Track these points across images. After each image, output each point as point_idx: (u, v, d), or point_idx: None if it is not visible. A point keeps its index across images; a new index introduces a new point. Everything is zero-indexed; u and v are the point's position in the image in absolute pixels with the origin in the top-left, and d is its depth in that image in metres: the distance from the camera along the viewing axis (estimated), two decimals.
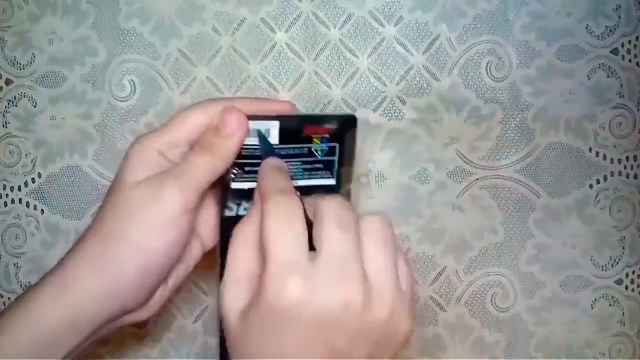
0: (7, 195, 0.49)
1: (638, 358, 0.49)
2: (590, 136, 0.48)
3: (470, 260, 0.49)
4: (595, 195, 0.48)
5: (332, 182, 0.40)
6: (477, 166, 0.48)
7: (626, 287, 0.49)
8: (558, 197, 0.48)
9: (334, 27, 0.47)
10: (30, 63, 0.48)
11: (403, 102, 0.48)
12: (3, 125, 0.48)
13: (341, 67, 0.47)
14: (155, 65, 0.48)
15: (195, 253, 0.40)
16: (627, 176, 0.48)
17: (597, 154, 0.48)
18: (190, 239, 0.38)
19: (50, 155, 0.48)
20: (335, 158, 0.40)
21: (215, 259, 0.39)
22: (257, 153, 0.38)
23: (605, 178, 0.48)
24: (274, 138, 0.38)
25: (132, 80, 0.48)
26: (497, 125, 0.48)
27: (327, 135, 0.39)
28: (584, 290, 0.49)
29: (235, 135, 0.37)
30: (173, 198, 0.36)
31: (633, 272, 0.49)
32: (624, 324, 0.49)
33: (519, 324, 0.49)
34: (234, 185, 0.39)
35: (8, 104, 0.48)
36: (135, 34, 0.47)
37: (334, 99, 0.48)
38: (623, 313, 0.49)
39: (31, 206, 0.48)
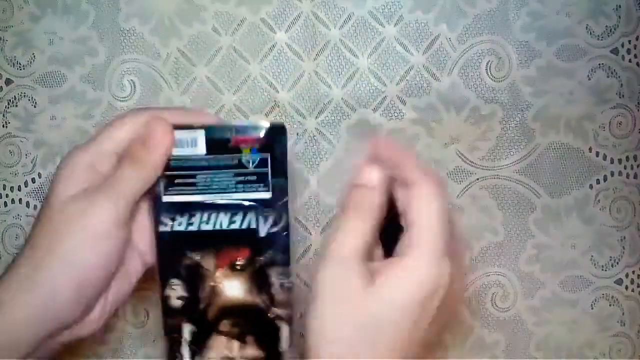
0: (7, 195, 0.49)
1: (638, 358, 0.49)
2: (590, 136, 0.48)
3: (470, 260, 0.49)
4: (595, 195, 0.48)
5: (267, 195, 0.39)
6: (477, 166, 0.48)
7: (626, 287, 0.49)
8: (558, 197, 0.48)
9: (334, 27, 0.47)
10: (30, 63, 0.48)
11: (403, 102, 0.48)
12: (3, 125, 0.48)
13: (341, 67, 0.47)
14: (155, 65, 0.47)
15: (136, 268, 0.40)
16: (627, 176, 0.48)
17: (597, 154, 0.48)
18: (127, 253, 0.39)
19: (50, 155, 0.48)
20: (268, 169, 0.39)
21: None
22: (188, 164, 0.38)
23: (605, 178, 0.48)
24: (200, 148, 0.38)
25: (132, 80, 0.48)
26: (497, 125, 0.48)
27: (256, 146, 0.39)
28: (584, 290, 0.49)
29: (162, 146, 0.37)
30: (104, 211, 0.36)
31: (633, 272, 0.49)
32: (624, 324, 0.49)
33: (519, 324, 0.49)
34: (165, 198, 0.39)
35: (8, 104, 0.48)
36: (135, 34, 0.47)
37: (334, 99, 0.48)
38: (623, 313, 0.49)
39: (31, 206, 0.48)
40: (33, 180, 0.48)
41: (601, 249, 0.49)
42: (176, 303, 0.40)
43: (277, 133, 0.39)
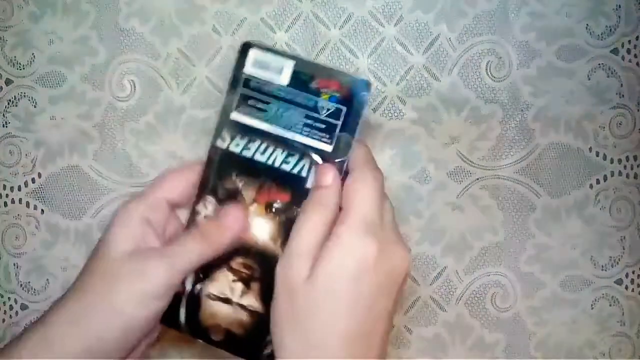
0: (7, 195, 0.49)
1: (638, 358, 0.49)
2: (590, 136, 0.48)
3: (470, 260, 0.49)
4: (595, 195, 0.48)
5: (328, 148, 0.39)
6: (477, 166, 0.48)
7: (626, 287, 0.49)
8: (558, 197, 0.48)
9: (334, 27, 0.47)
10: (30, 63, 0.48)
11: (403, 102, 0.48)
12: (3, 125, 0.48)
13: (341, 67, 0.47)
14: (155, 65, 0.48)
15: None
16: (627, 176, 0.48)
17: (597, 154, 0.48)
18: None
19: (50, 155, 0.48)
20: (339, 122, 0.38)
21: None
22: (266, 89, 0.39)
23: (605, 178, 0.48)
24: (284, 78, 0.38)
25: (132, 80, 0.48)
26: (497, 125, 0.48)
27: (336, 94, 0.38)
28: (584, 290, 0.49)
29: (234, 230, 0.38)
30: (160, 279, 0.37)
31: (633, 272, 0.49)
32: (624, 324, 0.49)
33: (519, 324, 0.49)
34: (233, 116, 0.39)
35: (8, 104, 0.48)
36: (135, 34, 0.47)
37: None
38: (623, 313, 0.49)
39: (31, 206, 0.48)
40: (33, 180, 0.48)
41: (601, 249, 0.49)
42: (202, 221, 0.40)
43: (361, 88, 0.38)
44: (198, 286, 0.40)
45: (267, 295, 0.38)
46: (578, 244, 0.49)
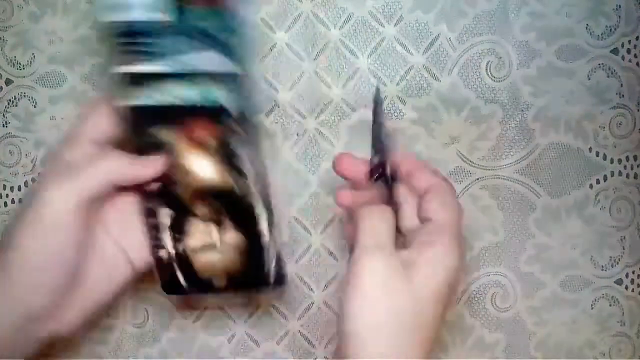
0: (7, 196, 0.48)
1: (638, 358, 0.49)
2: (590, 136, 0.48)
3: (470, 260, 0.49)
4: (595, 195, 0.48)
5: (237, 69, 0.37)
6: (477, 166, 0.48)
7: (626, 287, 0.49)
8: (558, 197, 0.48)
9: (334, 27, 0.47)
10: (30, 63, 0.48)
11: (403, 102, 0.48)
12: (3, 125, 0.48)
13: (341, 67, 0.47)
14: None
15: (122, 272, 0.40)
16: (627, 176, 0.48)
17: (597, 154, 0.48)
18: (109, 254, 0.39)
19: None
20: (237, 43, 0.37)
21: None
22: (149, 28, 0.36)
23: (605, 178, 0.48)
24: (166, 13, 0.36)
25: None
26: (497, 125, 0.48)
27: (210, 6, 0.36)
28: (584, 290, 0.49)
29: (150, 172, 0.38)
30: (54, 199, 0.36)
31: (633, 272, 0.49)
32: (624, 324, 0.49)
33: (519, 324, 0.49)
34: (124, 69, 0.37)
35: (8, 104, 0.48)
36: None
37: (334, 99, 0.48)
38: (623, 313, 0.49)
39: None
40: (33, 180, 0.48)
41: (601, 249, 0.49)
42: (153, 186, 0.39)
43: None
44: (180, 246, 0.39)
45: (241, 223, 0.38)
46: (578, 244, 0.49)
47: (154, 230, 0.39)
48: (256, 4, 0.47)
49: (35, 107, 0.48)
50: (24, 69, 0.48)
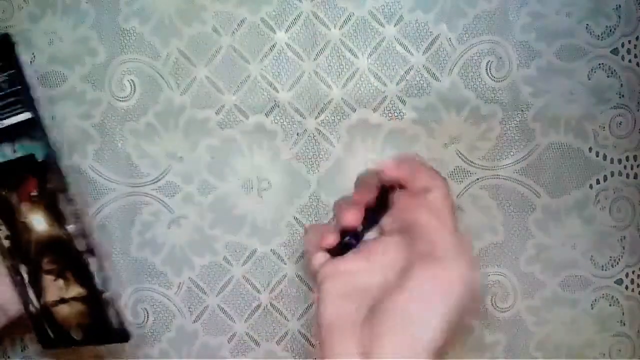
0: None
1: (638, 358, 0.49)
2: (590, 136, 0.48)
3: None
4: (595, 195, 0.48)
5: (29, 114, 0.38)
6: (477, 166, 0.48)
7: (626, 287, 0.49)
8: (558, 197, 0.48)
9: (334, 27, 0.47)
10: (30, 63, 0.48)
11: (403, 102, 0.48)
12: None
13: (341, 67, 0.47)
14: (155, 65, 0.48)
15: None
16: (627, 176, 0.48)
17: (597, 154, 0.48)
18: None
19: None
20: (20, 87, 0.38)
21: None
22: None
23: (605, 178, 0.48)
24: None
25: (132, 80, 0.48)
26: (497, 125, 0.48)
27: None
28: (584, 290, 0.49)
29: None
30: None
31: (633, 272, 0.49)
32: (624, 324, 0.49)
33: (519, 324, 0.49)
34: None
35: None
36: (135, 34, 0.47)
37: (334, 99, 0.48)
38: (623, 313, 0.49)
39: None
40: None
41: (601, 249, 0.49)
42: (6, 243, 0.40)
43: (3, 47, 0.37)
44: (42, 301, 0.41)
45: (78, 275, 0.39)
46: (578, 244, 0.49)
47: (19, 286, 0.41)
48: (256, 4, 0.47)
49: None
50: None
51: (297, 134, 0.48)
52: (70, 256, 0.39)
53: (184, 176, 0.48)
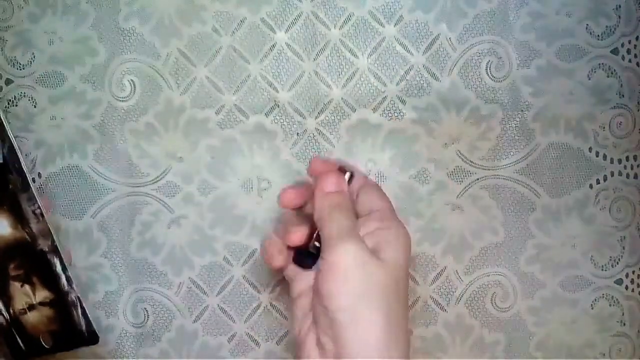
0: None
1: (638, 358, 0.49)
2: (590, 136, 0.48)
3: (470, 260, 0.49)
4: (595, 195, 0.48)
5: None
6: (477, 166, 0.48)
7: (626, 287, 0.49)
8: (558, 197, 0.48)
9: (334, 27, 0.47)
10: (30, 63, 0.48)
11: (403, 102, 0.48)
12: None
13: (341, 67, 0.47)
14: (155, 65, 0.48)
15: None
16: (627, 176, 0.48)
17: (597, 154, 0.48)
18: None
19: (50, 155, 0.48)
20: None
21: None
22: None
23: (605, 178, 0.48)
24: None
25: (132, 80, 0.48)
26: (497, 125, 0.48)
27: None
28: (584, 290, 0.49)
29: None
30: None
31: (633, 272, 0.49)
32: (624, 324, 0.49)
33: (519, 324, 0.49)
34: None
35: (8, 104, 0.48)
36: (135, 34, 0.47)
37: (334, 99, 0.48)
38: (623, 313, 0.49)
39: None
40: (33, 180, 0.48)
41: (601, 249, 0.49)
42: None
43: None
44: (11, 310, 0.40)
45: (43, 277, 0.39)
46: (578, 244, 0.49)
47: None
48: (256, 4, 0.47)
49: (35, 107, 0.48)
50: (24, 69, 0.48)
51: (297, 134, 0.48)
52: (34, 257, 0.38)
53: (184, 176, 0.48)
